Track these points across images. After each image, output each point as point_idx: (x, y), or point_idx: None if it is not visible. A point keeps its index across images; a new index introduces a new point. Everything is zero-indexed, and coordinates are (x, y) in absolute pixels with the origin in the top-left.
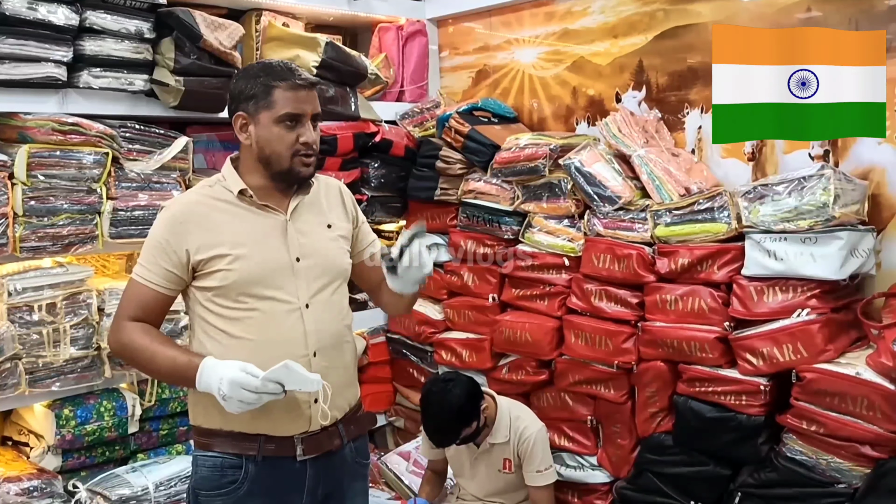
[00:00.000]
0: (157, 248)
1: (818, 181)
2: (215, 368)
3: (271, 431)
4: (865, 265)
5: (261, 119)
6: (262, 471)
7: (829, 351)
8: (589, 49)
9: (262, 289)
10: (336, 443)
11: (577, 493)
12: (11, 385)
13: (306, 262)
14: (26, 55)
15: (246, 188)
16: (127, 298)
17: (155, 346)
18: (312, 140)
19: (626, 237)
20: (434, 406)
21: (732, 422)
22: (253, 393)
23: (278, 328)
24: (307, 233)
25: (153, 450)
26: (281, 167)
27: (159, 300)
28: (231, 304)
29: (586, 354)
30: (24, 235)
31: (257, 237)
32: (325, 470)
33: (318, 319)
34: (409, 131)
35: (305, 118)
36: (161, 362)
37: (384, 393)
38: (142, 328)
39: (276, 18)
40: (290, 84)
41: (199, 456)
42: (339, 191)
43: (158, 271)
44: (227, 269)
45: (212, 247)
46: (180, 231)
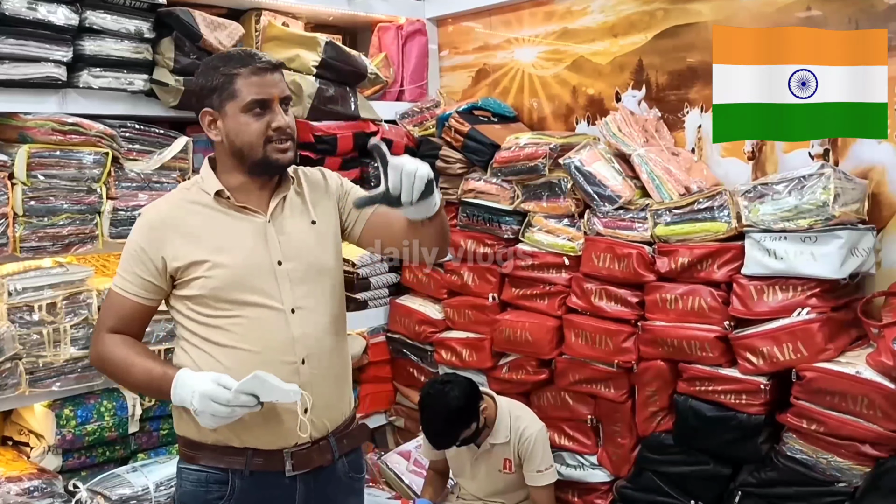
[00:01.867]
0: (133, 258)
1: (818, 180)
2: (187, 381)
3: (259, 445)
4: (865, 264)
5: (227, 111)
6: (249, 486)
7: (830, 350)
8: (589, 48)
9: (244, 294)
10: (327, 458)
11: (578, 493)
12: (12, 385)
13: (289, 265)
14: (26, 55)
15: (222, 189)
16: (106, 309)
17: (131, 357)
18: (285, 124)
19: (626, 236)
20: (432, 408)
21: (733, 421)
22: (225, 406)
23: (263, 335)
24: (289, 233)
25: (153, 449)
26: (255, 158)
27: (138, 311)
28: (213, 312)
29: (586, 354)
30: (24, 235)
31: (236, 241)
32: (316, 486)
33: (306, 324)
34: (409, 131)
35: (273, 102)
36: (137, 374)
37: (384, 392)
38: (120, 340)
39: (275, 18)
40: (251, 69)
41: (184, 469)
42: (321, 178)
43: (135, 281)
44: (206, 276)
45: (189, 254)
46: (155, 238)
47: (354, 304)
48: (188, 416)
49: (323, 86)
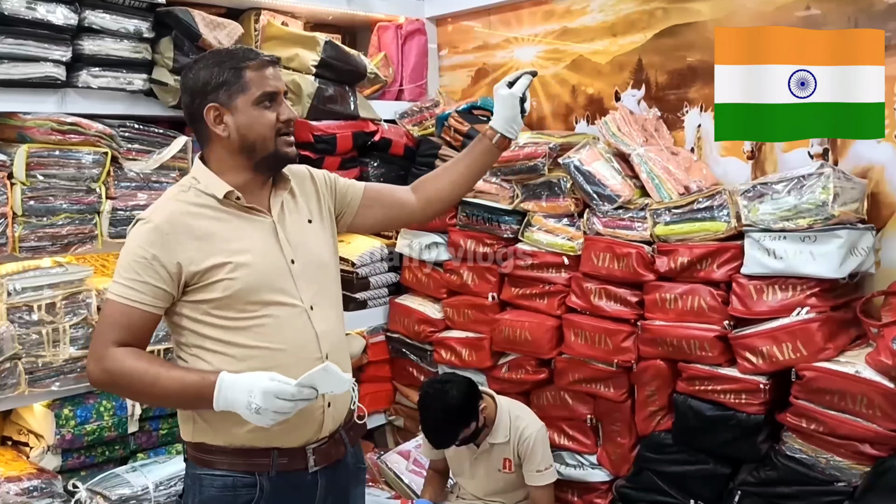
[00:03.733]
0: (140, 265)
1: (817, 179)
2: (238, 382)
3: (284, 443)
4: (865, 263)
5: (238, 105)
6: (276, 486)
7: (829, 349)
8: (588, 47)
9: (268, 294)
10: (341, 450)
11: (577, 492)
12: (11, 385)
13: (300, 263)
14: (25, 55)
15: (232, 190)
16: (108, 322)
17: (155, 368)
18: (294, 116)
19: (626, 236)
20: (431, 408)
21: (732, 420)
22: (289, 401)
23: (289, 333)
24: (294, 232)
25: (153, 449)
26: (266, 151)
27: (147, 320)
28: (237, 315)
29: (586, 353)
30: (23, 235)
31: (253, 242)
32: (333, 479)
33: (325, 320)
34: (409, 130)
35: (280, 95)
36: (166, 385)
37: (384, 392)
38: (133, 353)
39: (274, 17)
40: (259, 62)
41: (205, 475)
42: (307, 174)
43: (145, 289)
44: (230, 279)
45: (206, 257)
46: (168, 243)
47: (354, 304)
48: (204, 420)
49: (322, 85)
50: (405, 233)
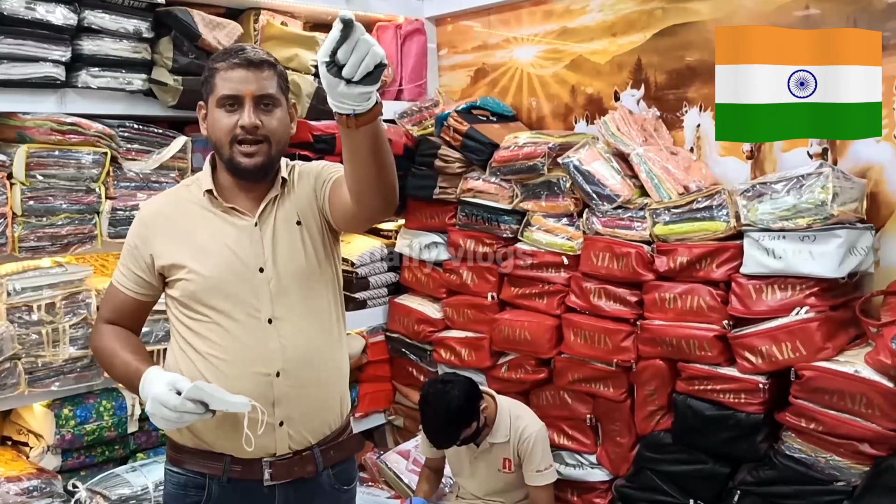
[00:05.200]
0: (127, 252)
1: (817, 179)
2: (152, 381)
3: (236, 452)
4: (864, 263)
5: (209, 105)
6: (226, 493)
7: (828, 349)
8: (587, 47)
9: (220, 301)
10: (309, 469)
11: (577, 492)
12: (11, 385)
13: (272, 272)
14: (24, 55)
15: (212, 188)
16: (104, 300)
17: (116, 349)
18: (249, 123)
19: (625, 235)
20: (433, 408)
21: (731, 420)
22: (172, 412)
23: (236, 345)
24: (277, 238)
25: (153, 449)
26: (224, 157)
27: (131, 305)
28: (193, 315)
29: (585, 353)
30: (22, 235)
31: (218, 244)
32: (296, 497)
33: (287, 335)
34: (408, 130)
35: (245, 99)
36: (117, 366)
37: (383, 392)
38: (113, 331)
39: (274, 17)
40: (228, 64)
41: (168, 471)
42: (314, 170)
43: (129, 275)
44: (185, 279)
45: (171, 255)
46: (146, 235)
47: (353, 304)
48: None
49: (322, 85)
50: (405, 232)
